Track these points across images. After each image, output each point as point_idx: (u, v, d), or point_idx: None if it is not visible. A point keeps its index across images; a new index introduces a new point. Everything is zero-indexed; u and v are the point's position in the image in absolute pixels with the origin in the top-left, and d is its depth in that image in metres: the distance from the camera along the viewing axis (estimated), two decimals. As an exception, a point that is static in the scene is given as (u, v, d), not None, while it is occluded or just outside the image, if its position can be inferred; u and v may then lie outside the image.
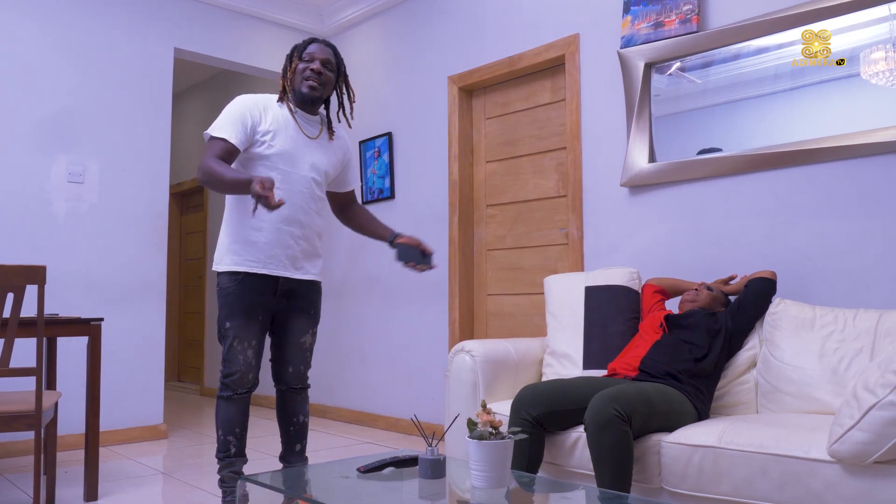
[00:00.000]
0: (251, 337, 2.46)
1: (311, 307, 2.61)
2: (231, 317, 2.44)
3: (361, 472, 1.86)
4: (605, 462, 2.05)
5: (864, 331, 2.33)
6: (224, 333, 2.46)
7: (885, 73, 2.64)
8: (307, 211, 2.51)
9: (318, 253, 2.62)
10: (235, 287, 2.44)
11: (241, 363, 2.44)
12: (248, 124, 2.41)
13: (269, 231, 2.43)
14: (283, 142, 2.46)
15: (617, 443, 2.04)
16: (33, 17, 4.02)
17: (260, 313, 2.47)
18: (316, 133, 2.56)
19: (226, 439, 2.46)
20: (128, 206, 4.28)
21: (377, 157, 4.77)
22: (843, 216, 2.72)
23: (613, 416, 2.05)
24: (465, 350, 2.82)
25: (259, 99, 2.49)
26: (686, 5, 3.16)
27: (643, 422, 2.13)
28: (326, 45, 2.56)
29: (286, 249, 2.47)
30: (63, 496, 2.93)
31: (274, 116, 2.47)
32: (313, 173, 2.52)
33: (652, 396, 2.20)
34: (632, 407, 2.09)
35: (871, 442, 1.72)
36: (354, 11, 4.97)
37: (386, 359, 4.65)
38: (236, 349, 2.44)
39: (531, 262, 3.97)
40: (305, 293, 2.57)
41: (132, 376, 4.21)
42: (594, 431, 2.07)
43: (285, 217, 2.44)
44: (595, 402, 2.11)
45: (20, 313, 2.42)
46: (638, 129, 3.30)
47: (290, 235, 2.47)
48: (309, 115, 2.57)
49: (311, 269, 2.57)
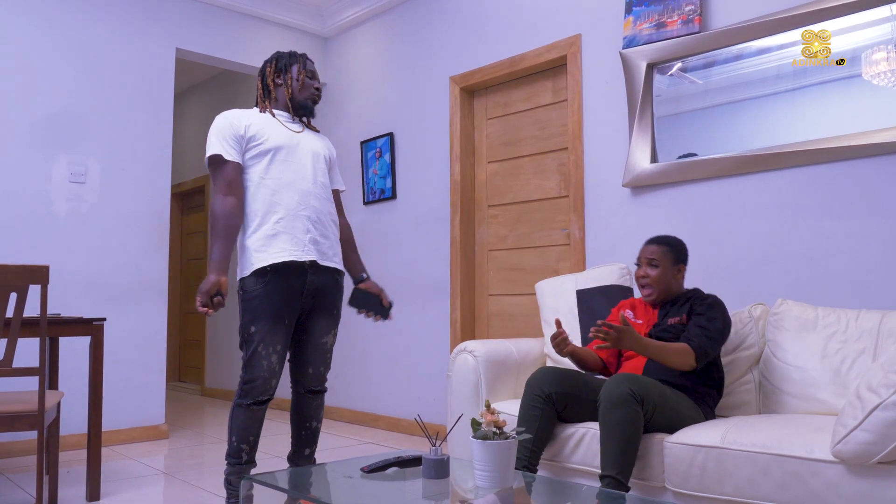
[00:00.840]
0: (276, 342, 2.40)
1: (335, 307, 2.59)
2: (256, 321, 2.38)
3: (365, 473, 1.86)
4: (613, 438, 2.08)
5: (866, 331, 2.34)
6: (248, 338, 2.40)
7: (886, 73, 2.65)
8: (317, 196, 2.52)
9: (337, 240, 2.61)
10: (263, 289, 2.39)
11: (264, 369, 2.39)
12: (238, 134, 2.46)
13: (287, 219, 2.43)
14: (275, 136, 2.50)
15: (627, 419, 2.07)
16: (35, 18, 4.02)
17: (287, 317, 2.43)
18: (300, 129, 2.61)
19: (239, 447, 2.42)
20: (129, 206, 4.28)
21: (378, 157, 4.77)
22: (845, 216, 2.73)
23: (627, 394, 2.09)
24: (468, 350, 2.82)
25: (237, 111, 2.54)
26: (688, 6, 3.17)
27: (654, 410, 2.16)
28: (312, 62, 2.70)
29: (306, 233, 2.46)
30: (65, 496, 2.93)
31: (258, 120, 2.52)
32: (314, 160, 2.55)
33: (667, 392, 2.23)
34: (647, 390, 2.13)
35: (875, 442, 1.73)
36: (356, 12, 4.97)
37: (387, 359, 4.65)
38: (260, 354, 2.38)
39: (533, 262, 3.97)
40: (330, 293, 2.55)
41: (133, 376, 4.21)
42: (607, 407, 2.10)
43: (297, 203, 2.45)
44: (611, 381, 2.16)
45: (23, 313, 2.42)
46: (640, 129, 3.30)
47: (307, 220, 2.47)
48: (290, 116, 2.62)
49: (333, 256, 2.55)
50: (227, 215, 2.38)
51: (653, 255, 2.54)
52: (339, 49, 5.24)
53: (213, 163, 2.44)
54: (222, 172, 2.42)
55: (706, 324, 2.38)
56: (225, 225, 2.38)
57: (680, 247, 2.59)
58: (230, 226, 2.39)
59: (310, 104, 2.61)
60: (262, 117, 2.54)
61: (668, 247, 2.56)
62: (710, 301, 2.47)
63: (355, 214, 4.74)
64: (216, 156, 2.42)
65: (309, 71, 2.62)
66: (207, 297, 2.29)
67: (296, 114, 2.61)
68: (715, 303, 2.46)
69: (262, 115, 2.55)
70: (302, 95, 2.59)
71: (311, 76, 2.62)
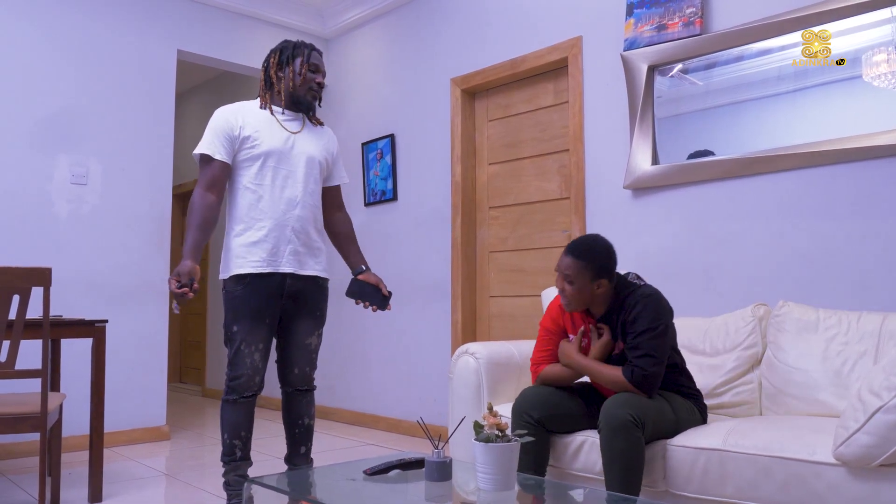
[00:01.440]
0: (258, 340, 2.46)
1: (318, 309, 2.61)
2: (238, 320, 2.45)
3: (368, 475, 1.87)
4: (616, 466, 2.04)
5: (867, 333, 2.34)
6: (231, 337, 2.46)
7: (887, 75, 2.65)
8: (304, 205, 2.53)
9: (321, 247, 2.62)
10: (242, 290, 2.44)
11: (247, 366, 2.45)
12: (231, 134, 2.48)
13: (270, 228, 2.46)
14: (269, 140, 2.49)
15: (630, 448, 2.04)
16: (36, 20, 4.02)
17: (267, 316, 2.48)
18: (299, 128, 2.59)
19: (231, 443, 2.47)
20: (130, 207, 4.28)
21: (379, 158, 4.78)
22: (846, 219, 2.73)
23: (628, 421, 2.04)
24: (469, 352, 2.82)
25: (237, 107, 2.55)
26: (689, 8, 3.17)
27: (654, 428, 2.13)
28: (319, 52, 2.65)
29: (288, 244, 2.48)
30: (68, 497, 2.93)
31: (255, 119, 2.52)
32: (307, 166, 2.54)
33: (663, 404, 2.19)
34: (644, 411, 2.08)
35: (877, 445, 1.73)
36: (357, 13, 4.98)
37: (388, 360, 4.65)
38: (243, 352, 2.44)
39: (534, 264, 3.97)
40: (311, 294, 2.57)
41: (134, 377, 4.21)
42: (608, 435, 2.06)
43: (283, 212, 2.47)
44: (610, 406, 2.10)
45: (26, 315, 2.43)
46: (641, 131, 3.30)
47: (290, 230, 2.49)
48: (291, 112, 2.60)
49: (314, 264, 2.57)
50: (204, 209, 2.44)
51: (568, 270, 2.24)
52: (340, 50, 5.24)
53: (202, 159, 2.49)
54: (209, 169, 2.48)
55: (643, 347, 2.14)
56: (202, 217, 2.44)
57: (600, 260, 2.24)
58: (206, 218, 2.45)
59: (308, 99, 2.57)
60: (260, 116, 2.53)
61: (586, 262, 2.22)
62: (637, 313, 2.19)
63: (356, 216, 4.73)
64: (205, 154, 2.47)
65: (312, 64, 2.57)
66: (188, 278, 2.32)
67: (295, 109, 2.59)
68: (643, 315, 2.18)
69: (261, 112, 2.54)
70: (301, 90, 2.55)
71: (314, 69, 2.58)
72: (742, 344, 2.60)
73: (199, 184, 2.47)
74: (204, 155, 2.47)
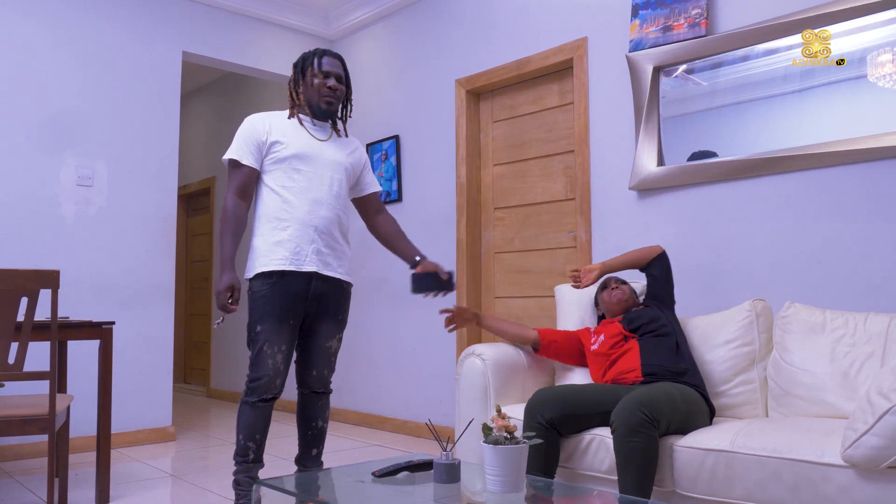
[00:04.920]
0: (281, 342, 2.46)
1: (340, 312, 2.62)
2: (262, 320, 2.44)
3: (377, 477, 1.87)
4: (631, 466, 2.05)
5: (875, 334, 2.33)
6: (254, 337, 2.46)
7: (892, 75, 2.65)
8: (329, 206, 2.54)
9: (345, 251, 2.63)
10: (269, 290, 2.44)
11: (269, 368, 2.44)
12: (259, 140, 2.51)
13: (294, 228, 2.48)
14: (295, 143, 2.53)
15: (645, 448, 2.05)
16: (43, 22, 4.03)
17: (291, 317, 2.47)
18: (326, 136, 2.62)
19: (246, 445, 2.46)
20: (136, 208, 4.29)
21: (384, 159, 4.78)
22: (853, 219, 2.73)
23: (643, 420, 2.05)
24: (476, 354, 2.82)
25: (265, 115, 2.59)
26: (695, 9, 3.17)
27: (667, 424, 2.15)
28: (335, 56, 2.63)
29: (311, 244, 2.49)
30: (75, 499, 2.94)
31: (283, 125, 2.56)
32: (332, 170, 2.57)
33: (675, 397, 2.22)
34: (659, 409, 2.11)
35: (885, 447, 1.73)
36: (362, 14, 4.98)
37: (393, 361, 4.66)
38: (266, 353, 2.44)
39: (539, 264, 3.97)
40: (335, 297, 2.58)
41: (141, 378, 4.22)
42: (623, 434, 2.07)
43: (307, 212, 2.49)
44: (624, 406, 2.12)
45: (34, 317, 2.43)
46: (646, 132, 3.30)
47: (314, 230, 2.50)
48: (318, 121, 2.63)
49: (338, 266, 2.57)
50: (237, 216, 2.49)
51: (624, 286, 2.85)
52: (344, 52, 5.25)
53: (231, 164, 2.53)
54: (238, 174, 2.52)
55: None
56: (236, 224, 2.49)
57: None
58: (239, 225, 2.49)
59: (323, 106, 2.56)
60: (288, 123, 2.57)
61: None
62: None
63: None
64: (233, 160, 2.51)
65: (323, 71, 2.56)
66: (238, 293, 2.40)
67: (322, 118, 2.61)
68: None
69: (289, 120, 2.58)
70: (314, 98, 2.56)
71: (324, 75, 2.56)
72: (737, 340, 2.59)
73: (230, 189, 2.51)
74: (232, 160, 2.51)
